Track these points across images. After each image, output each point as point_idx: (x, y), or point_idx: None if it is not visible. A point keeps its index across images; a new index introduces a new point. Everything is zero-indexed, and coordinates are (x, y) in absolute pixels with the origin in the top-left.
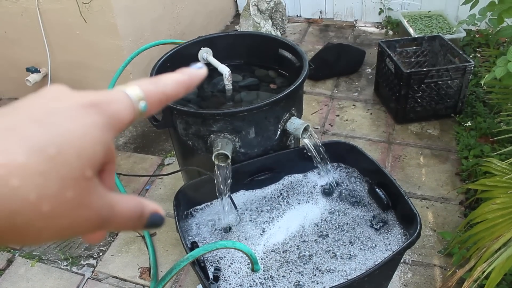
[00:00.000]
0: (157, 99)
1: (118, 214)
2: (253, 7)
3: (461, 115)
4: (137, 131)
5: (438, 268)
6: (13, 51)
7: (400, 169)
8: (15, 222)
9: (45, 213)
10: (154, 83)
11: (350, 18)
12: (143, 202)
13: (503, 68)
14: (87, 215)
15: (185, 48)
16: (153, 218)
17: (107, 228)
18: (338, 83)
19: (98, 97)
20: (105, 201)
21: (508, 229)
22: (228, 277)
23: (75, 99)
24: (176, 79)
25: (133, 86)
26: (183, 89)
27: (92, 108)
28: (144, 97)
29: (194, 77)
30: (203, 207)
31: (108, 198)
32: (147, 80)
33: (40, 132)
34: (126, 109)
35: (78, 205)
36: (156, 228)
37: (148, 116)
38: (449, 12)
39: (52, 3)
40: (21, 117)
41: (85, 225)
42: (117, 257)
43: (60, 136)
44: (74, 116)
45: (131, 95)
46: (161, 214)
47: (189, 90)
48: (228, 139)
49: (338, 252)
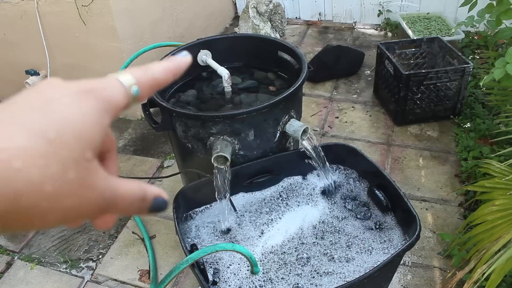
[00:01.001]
0: (148, 84)
1: (121, 197)
2: (252, 10)
3: (460, 116)
4: (137, 133)
5: (438, 270)
6: (12, 54)
7: (400, 170)
8: (20, 203)
9: (48, 193)
10: (144, 70)
11: (349, 20)
12: (146, 186)
13: (502, 69)
14: (90, 196)
15: (184, 50)
16: (156, 201)
17: (112, 210)
18: (337, 85)
19: (92, 84)
20: (108, 184)
21: (507, 231)
22: (228, 279)
23: (71, 87)
24: (164, 66)
25: (125, 73)
26: (171, 74)
27: (87, 94)
28: (135, 83)
29: (180, 64)
30: (203, 209)
31: (111, 181)
32: (138, 67)
33: (39, 118)
34: (119, 94)
35: (80, 185)
36: (160, 212)
37: (141, 101)
38: (447, 14)
39: (51, 6)
40: (19, 107)
41: (90, 207)
42: (117, 260)
43: (58, 121)
44: (71, 102)
45: (123, 81)
46: (165, 198)
47: (176, 76)
48: (228, 142)
49: (336, 254)
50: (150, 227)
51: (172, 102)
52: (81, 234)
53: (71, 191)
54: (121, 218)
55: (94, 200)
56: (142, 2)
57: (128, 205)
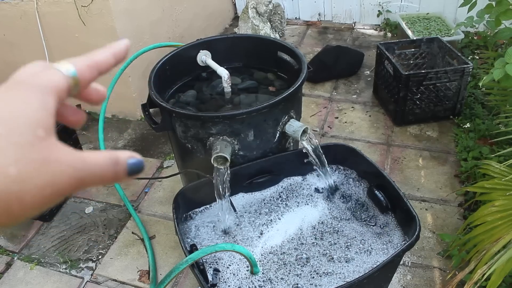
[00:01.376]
0: (85, 65)
1: (93, 164)
2: (252, 10)
3: (459, 117)
4: (136, 134)
5: (437, 270)
6: (12, 54)
7: (399, 171)
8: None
9: (14, 176)
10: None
11: (349, 21)
12: (116, 151)
13: (501, 70)
14: (60, 169)
15: (184, 51)
16: (131, 163)
17: (88, 180)
18: (337, 86)
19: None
20: (75, 155)
21: (507, 232)
22: (227, 279)
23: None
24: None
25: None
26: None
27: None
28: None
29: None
30: (202, 209)
31: (77, 153)
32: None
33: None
34: (54, 75)
35: (45, 162)
36: (139, 173)
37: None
38: (447, 14)
39: (51, 6)
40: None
41: (64, 180)
42: (116, 260)
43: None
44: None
45: (56, 65)
46: (139, 158)
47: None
48: (227, 142)
49: (336, 255)
50: (149, 227)
51: (172, 102)
52: (81, 234)
53: (37, 170)
54: (120, 218)
55: (66, 173)
56: (141, 2)
57: (103, 172)
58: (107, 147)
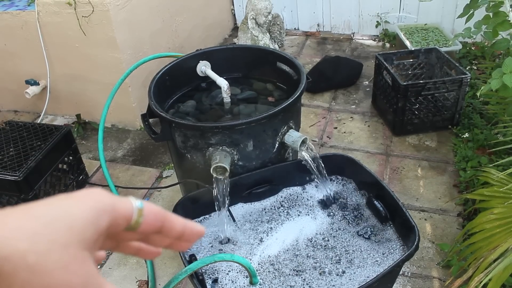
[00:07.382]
0: (154, 211)
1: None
2: (251, 21)
3: (458, 126)
4: (136, 143)
5: (437, 280)
6: (12, 64)
7: (398, 181)
8: (2, 267)
9: (30, 264)
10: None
11: (348, 31)
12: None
13: (499, 80)
14: (70, 280)
15: (184, 61)
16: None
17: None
18: (336, 96)
19: (105, 197)
20: (94, 278)
21: (505, 239)
22: (225, 285)
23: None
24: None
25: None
26: (182, 224)
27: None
28: (143, 204)
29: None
30: (202, 219)
31: (100, 279)
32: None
33: (43, 207)
34: (124, 202)
35: (63, 268)
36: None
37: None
38: (445, 25)
39: (52, 17)
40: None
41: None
42: (115, 270)
43: (56, 211)
44: (75, 202)
45: (131, 198)
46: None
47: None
48: (227, 152)
49: (333, 265)
50: None
51: (172, 112)
52: None
53: (52, 270)
54: None
55: (74, 285)
56: (142, 13)
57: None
58: (107, 156)
